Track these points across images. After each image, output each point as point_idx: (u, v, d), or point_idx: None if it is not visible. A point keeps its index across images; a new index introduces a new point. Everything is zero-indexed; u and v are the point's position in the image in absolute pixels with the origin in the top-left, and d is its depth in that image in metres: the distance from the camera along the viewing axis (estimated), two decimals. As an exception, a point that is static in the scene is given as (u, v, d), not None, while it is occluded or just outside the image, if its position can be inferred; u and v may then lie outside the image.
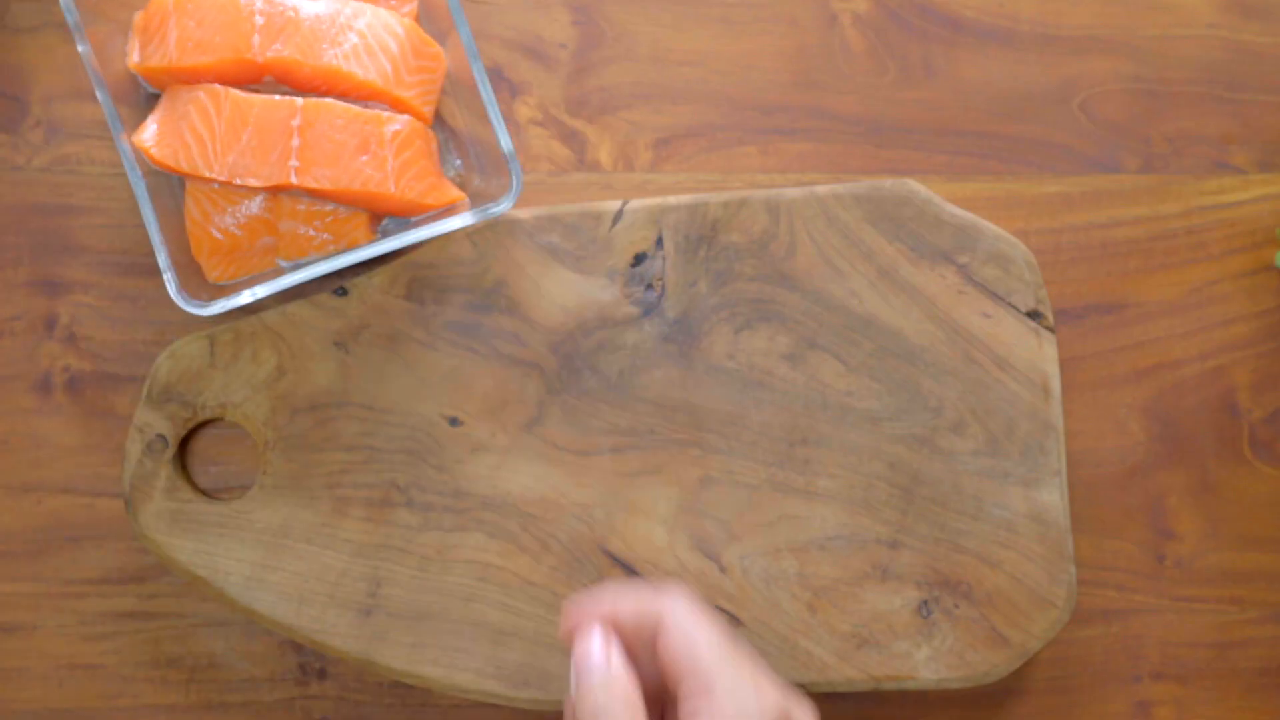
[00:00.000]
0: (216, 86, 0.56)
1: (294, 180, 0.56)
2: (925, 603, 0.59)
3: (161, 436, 0.59)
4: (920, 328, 0.60)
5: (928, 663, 0.58)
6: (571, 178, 0.63)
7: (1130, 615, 0.62)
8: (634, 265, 0.60)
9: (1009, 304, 0.60)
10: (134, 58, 0.57)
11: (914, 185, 0.61)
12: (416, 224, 0.59)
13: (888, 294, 0.60)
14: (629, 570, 0.59)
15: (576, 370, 0.60)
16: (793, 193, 0.61)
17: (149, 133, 0.56)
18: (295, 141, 0.56)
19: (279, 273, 0.59)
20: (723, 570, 0.59)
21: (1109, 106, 0.65)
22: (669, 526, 0.59)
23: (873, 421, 0.60)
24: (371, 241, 0.57)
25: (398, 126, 0.56)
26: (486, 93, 0.56)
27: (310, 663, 0.61)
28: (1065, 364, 0.63)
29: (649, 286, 0.60)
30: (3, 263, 0.61)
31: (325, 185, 0.56)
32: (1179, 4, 0.65)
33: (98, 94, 0.55)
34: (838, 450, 0.60)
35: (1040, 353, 0.60)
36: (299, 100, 0.56)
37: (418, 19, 0.60)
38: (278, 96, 0.57)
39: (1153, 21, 0.65)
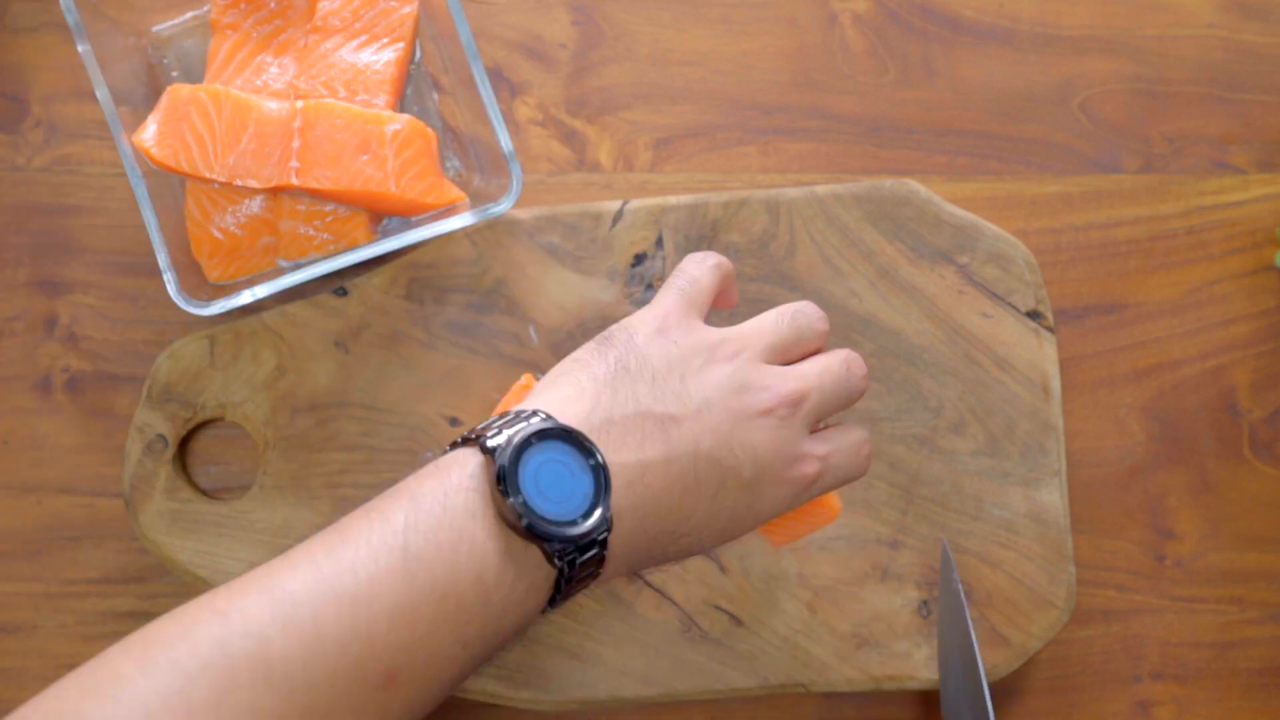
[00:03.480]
0: (217, 87, 0.56)
1: (294, 181, 0.56)
2: (925, 603, 0.59)
3: (161, 437, 0.59)
4: (920, 328, 0.60)
5: (928, 663, 0.58)
6: (571, 178, 0.63)
7: (1130, 615, 0.62)
8: (634, 265, 0.60)
9: (1009, 304, 0.60)
10: None
11: (914, 185, 0.61)
12: (416, 224, 0.59)
13: (888, 294, 0.60)
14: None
15: (576, 370, 0.60)
16: (793, 193, 0.61)
17: (149, 133, 0.56)
18: (296, 142, 0.56)
19: (279, 273, 0.59)
20: (723, 570, 0.59)
21: (1109, 106, 0.65)
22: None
23: (873, 421, 0.60)
24: (371, 241, 0.57)
25: (398, 126, 0.56)
26: (486, 93, 0.56)
27: (310, 663, 0.60)
28: (1065, 364, 0.63)
29: (649, 286, 0.60)
30: (3, 263, 0.61)
31: (326, 185, 0.56)
32: (1179, 4, 0.65)
33: (98, 94, 0.55)
34: (838, 450, 0.60)
35: (1040, 353, 0.60)
36: (299, 102, 0.56)
37: (418, 19, 0.60)
38: (276, 104, 0.57)
39: (1153, 21, 0.65)
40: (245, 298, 0.56)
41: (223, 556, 0.58)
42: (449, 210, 0.58)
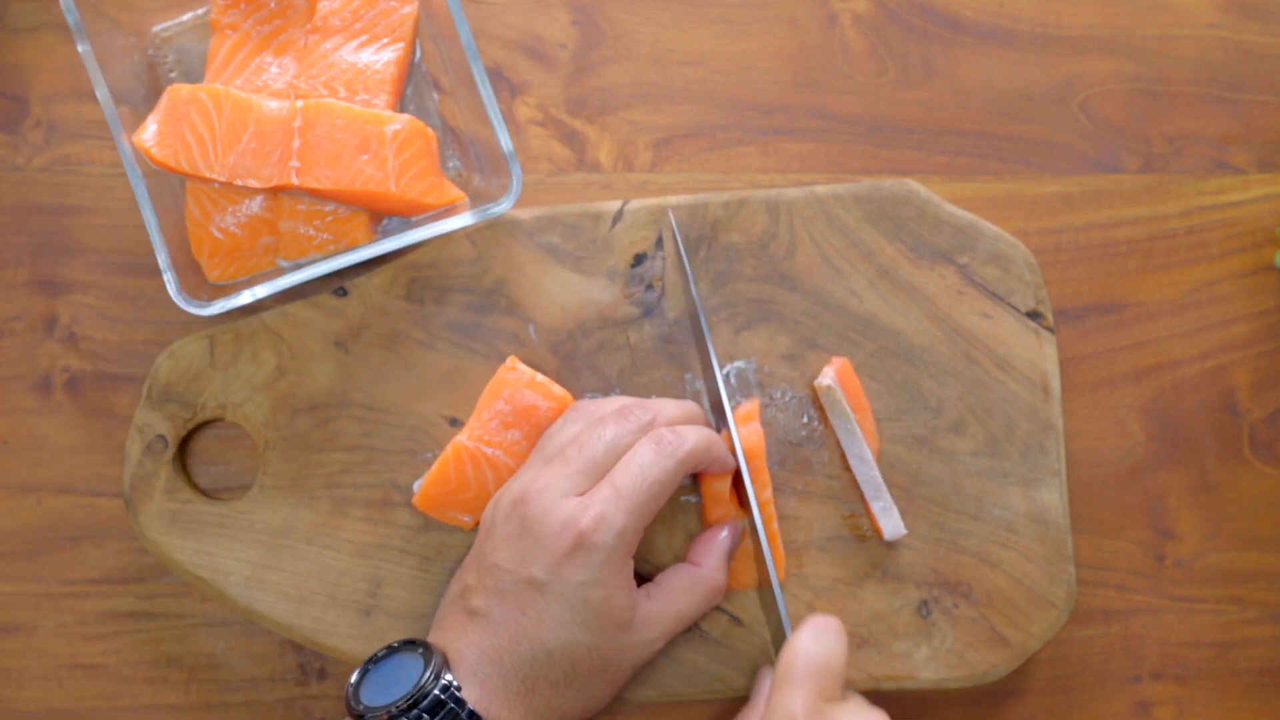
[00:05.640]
0: (217, 87, 0.56)
1: (295, 180, 0.56)
2: (925, 603, 0.59)
3: (161, 437, 0.59)
4: (920, 328, 0.60)
5: (927, 663, 0.58)
6: (571, 178, 0.63)
7: (1130, 615, 0.62)
8: (634, 265, 0.60)
9: (1009, 304, 0.60)
10: None
11: (914, 185, 0.61)
12: (416, 224, 0.59)
13: (888, 294, 0.60)
14: (629, 570, 0.59)
15: (576, 370, 0.60)
16: (793, 193, 0.61)
17: (149, 133, 0.56)
18: (296, 142, 0.56)
19: (279, 273, 0.59)
20: (723, 570, 0.59)
21: (1109, 106, 0.65)
22: (669, 526, 0.59)
23: (873, 422, 0.60)
24: (371, 241, 0.57)
25: (398, 126, 0.56)
26: (486, 93, 0.56)
27: (310, 663, 0.61)
28: (1065, 364, 0.63)
29: (649, 286, 0.60)
30: (3, 263, 0.61)
31: (326, 185, 0.56)
32: (1179, 4, 0.65)
33: (98, 94, 0.55)
34: (838, 450, 0.60)
35: (1040, 353, 0.60)
36: (299, 102, 0.56)
37: (418, 19, 0.60)
38: (276, 104, 0.57)
39: (1153, 21, 0.65)
40: (245, 298, 0.56)
41: (223, 556, 0.58)
42: (449, 210, 0.58)
